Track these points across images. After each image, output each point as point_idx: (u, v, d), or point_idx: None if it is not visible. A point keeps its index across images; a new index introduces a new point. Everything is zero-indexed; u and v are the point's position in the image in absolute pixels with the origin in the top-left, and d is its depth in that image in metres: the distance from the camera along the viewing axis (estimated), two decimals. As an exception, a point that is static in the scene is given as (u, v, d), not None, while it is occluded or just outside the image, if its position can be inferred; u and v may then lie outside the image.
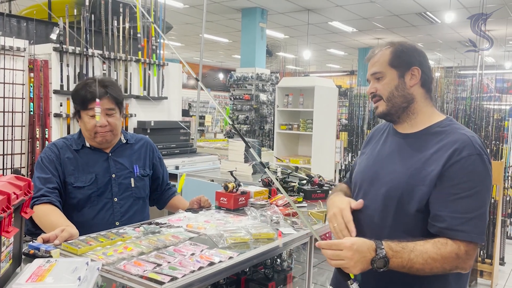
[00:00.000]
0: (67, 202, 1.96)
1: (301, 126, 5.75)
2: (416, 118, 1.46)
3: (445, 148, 1.33)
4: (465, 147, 1.31)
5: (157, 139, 3.77)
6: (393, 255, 1.24)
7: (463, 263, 1.27)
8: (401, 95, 1.44)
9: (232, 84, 9.57)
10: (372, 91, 1.48)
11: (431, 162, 1.34)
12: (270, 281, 1.88)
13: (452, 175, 1.29)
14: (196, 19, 11.43)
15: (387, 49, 1.47)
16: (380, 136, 1.59)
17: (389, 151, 1.49)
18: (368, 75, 1.51)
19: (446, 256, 1.25)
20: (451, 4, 8.97)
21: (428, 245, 1.26)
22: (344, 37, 13.73)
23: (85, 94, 1.94)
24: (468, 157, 1.29)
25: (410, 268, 1.25)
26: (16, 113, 3.25)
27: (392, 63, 1.44)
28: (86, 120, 1.97)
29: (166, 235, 1.64)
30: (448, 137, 1.36)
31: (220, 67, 22.48)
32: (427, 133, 1.42)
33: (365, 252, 1.24)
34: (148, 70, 4.01)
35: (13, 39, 3.23)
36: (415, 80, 1.44)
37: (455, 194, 1.28)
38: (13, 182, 1.25)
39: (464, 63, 9.07)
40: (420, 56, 1.45)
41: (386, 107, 1.46)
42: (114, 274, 1.28)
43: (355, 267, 1.23)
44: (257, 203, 2.13)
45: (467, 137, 1.33)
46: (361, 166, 1.59)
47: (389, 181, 1.41)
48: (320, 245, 1.28)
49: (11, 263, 1.24)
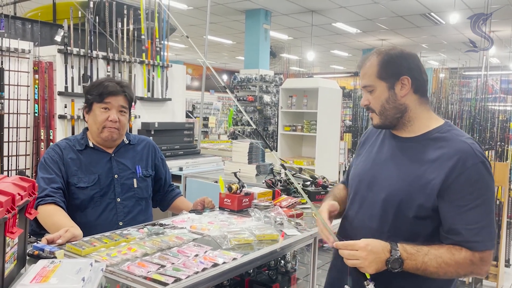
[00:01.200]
0: (71, 203, 1.96)
1: (305, 127, 5.74)
2: (413, 125, 1.44)
3: (446, 157, 1.33)
4: (468, 157, 1.31)
5: (161, 141, 3.78)
6: (407, 257, 1.26)
7: (479, 269, 1.29)
8: (392, 107, 1.42)
9: (236, 85, 9.58)
10: (365, 103, 1.48)
11: (432, 170, 1.33)
12: (274, 282, 1.87)
13: (460, 187, 1.30)
14: (200, 21, 11.46)
15: (374, 60, 1.44)
16: (376, 137, 1.58)
17: (387, 155, 1.48)
18: (360, 85, 1.51)
19: (461, 262, 1.27)
20: (456, 5, 8.93)
21: (443, 250, 1.28)
22: (348, 38, 13.71)
23: (105, 87, 1.98)
24: (472, 167, 1.30)
25: (424, 270, 1.27)
26: (21, 115, 3.27)
27: (380, 76, 1.42)
28: (97, 113, 1.99)
29: (170, 236, 1.64)
30: (449, 145, 1.35)
31: (224, 69, 22.51)
32: (426, 138, 1.41)
33: (380, 253, 1.26)
34: (152, 72, 4.02)
35: (18, 41, 3.25)
36: (406, 90, 1.41)
37: (465, 205, 1.29)
38: (18, 183, 1.25)
39: (469, 64, 9.04)
40: (409, 62, 1.42)
41: (380, 120, 1.46)
42: (118, 275, 1.28)
43: (370, 267, 1.26)
44: (261, 204, 2.13)
45: (468, 145, 1.33)
46: (357, 169, 1.58)
47: (387, 187, 1.41)
48: (337, 245, 1.32)
49: (15, 264, 1.25)
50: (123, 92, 2.02)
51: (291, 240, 1.70)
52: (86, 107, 2.05)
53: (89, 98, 2.02)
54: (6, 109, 3.16)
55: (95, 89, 2.00)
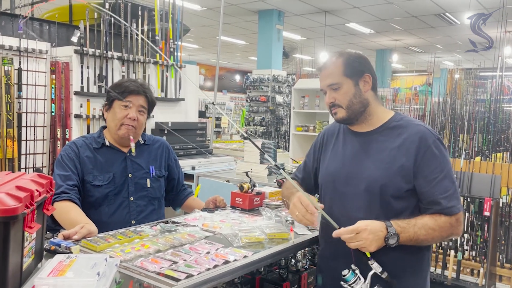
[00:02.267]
0: (85, 200, 2.00)
1: (317, 127, 5.75)
2: (372, 118, 1.62)
3: (409, 140, 1.52)
4: (427, 136, 1.52)
5: (174, 140, 3.82)
6: (401, 231, 1.43)
7: (456, 229, 1.50)
8: (358, 101, 1.58)
9: (248, 86, 9.60)
10: (331, 101, 1.60)
11: (401, 154, 1.52)
12: (284, 281, 1.88)
13: (428, 162, 1.50)
14: (213, 22, 11.51)
15: (337, 60, 1.59)
16: (336, 137, 1.72)
17: (355, 150, 1.62)
18: (323, 86, 1.63)
19: (442, 226, 1.47)
20: (471, 5, 8.83)
21: (426, 218, 1.47)
22: (362, 39, 13.64)
23: (127, 86, 2.04)
24: (433, 144, 1.51)
25: (416, 240, 1.44)
26: (38, 114, 3.34)
27: (346, 73, 1.57)
28: (117, 110, 2.04)
29: (182, 233, 1.67)
30: (408, 130, 1.54)
31: (237, 69, 22.56)
32: (385, 128, 1.59)
33: (378, 231, 1.41)
34: (166, 72, 4.06)
35: (36, 41, 3.32)
36: (368, 86, 1.59)
37: (436, 178, 1.49)
38: (36, 180, 1.29)
39: (484, 65, 8.91)
40: (367, 62, 1.62)
41: (346, 113, 1.59)
42: (131, 270, 1.31)
43: (371, 245, 1.40)
44: (272, 204, 2.15)
45: (422, 127, 1.55)
46: (328, 169, 1.69)
47: (366, 177, 1.55)
48: (339, 233, 1.43)
49: (33, 258, 1.29)
50: (144, 93, 2.07)
51: (301, 239, 1.72)
52: (106, 104, 2.10)
53: (111, 95, 2.06)
54: (24, 108, 3.23)
55: (117, 87, 2.06)
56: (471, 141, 4.99)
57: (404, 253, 1.50)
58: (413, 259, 1.56)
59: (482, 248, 3.70)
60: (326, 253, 1.70)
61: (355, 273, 1.42)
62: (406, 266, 1.54)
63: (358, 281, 1.41)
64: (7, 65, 3.13)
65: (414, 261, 1.57)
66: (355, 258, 1.46)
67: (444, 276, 3.74)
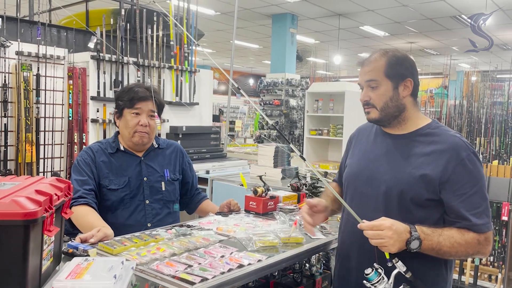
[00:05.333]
0: (102, 204, 2.03)
1: (331, 131, 5.72)
2: (406, 123, 1.55)
3: (440, 150, 1.45)
4: (461, 149, 1.44)
5: (189, 144, 3.85)
6: (424, 237, 1.36)
7: (484, 248, 1.43)
8: (394, 105, 1.52)
9: (262, 89, 9.62)
10: (366, 99, 1.55)
11: (428, 162, 1.45)
12: (298, 285, 1.88)
13: (459, 177, 1.42)
14: (227, 26, 11.57)
15: (381, 58, 1.52)
16: (367, 136, 1.67)
17: (382, 151, 1.57)
18: (361, 81, 1.56)
19: (469, 242, 1.39)
20: (487, 7, 8.71)
21: (453, 231, 1.40)
22: (376, 42, 13.54)
23: (135, 93, 2.06)
24: (466, 158, 1.43)
25: (438, 250, 1.38)
26: (56, 119, 3.40)
27: (387, 74, 1.50)
28: (128, 118, 2.06)
29: (197, 237, 1.69)
30: (441, 140, 1.48)
31: (251, 73, 22.61)
32: (418, 134, 1.53)
33: (402, 233, 1.34)
34: (181, 77, 4.11)
35: (54, 48, 3.39)
36: (408, 91, 1.52)
37: (466, 193, 1.41)
38: (55, 184, 1.32)
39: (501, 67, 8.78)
40: (412, 66, 1.53)
41: (379, 115, 1.54)
42: (147, 273, 1.33)
43: (394, 246, 1.33)
44: (286, 208, 2.15)
45: (458, 138, 1.47)
46: (352, 167, 1.66)
47: (387, 180, 1.50)
48: (362, 227, 1.38)
49: (52, 261, 1.31)
50: (152, 97, 2.08)
51: (316, 244, 1.71)
52: (116, 112, 2.13)
53: (120, 104, 2.09)
54: (42, 113, 3.29)
55: (125, 95, 2.08)
56: (489, 144, 4.92)
57: (426, 260, 1.43)
58: (434, 267, 1.49)
59: (500, 253, 3.64)
60: (345, 251, 1.66)
61: (378, 272, 1.36)
62: (427, 275, 1.47)
63: (382, 281, 1.35)
64: (26, 71, 3.20)
65: (436, 270, 1.50)
66: (378, 257, 1.41)
67: (462, 281, 3.69)
